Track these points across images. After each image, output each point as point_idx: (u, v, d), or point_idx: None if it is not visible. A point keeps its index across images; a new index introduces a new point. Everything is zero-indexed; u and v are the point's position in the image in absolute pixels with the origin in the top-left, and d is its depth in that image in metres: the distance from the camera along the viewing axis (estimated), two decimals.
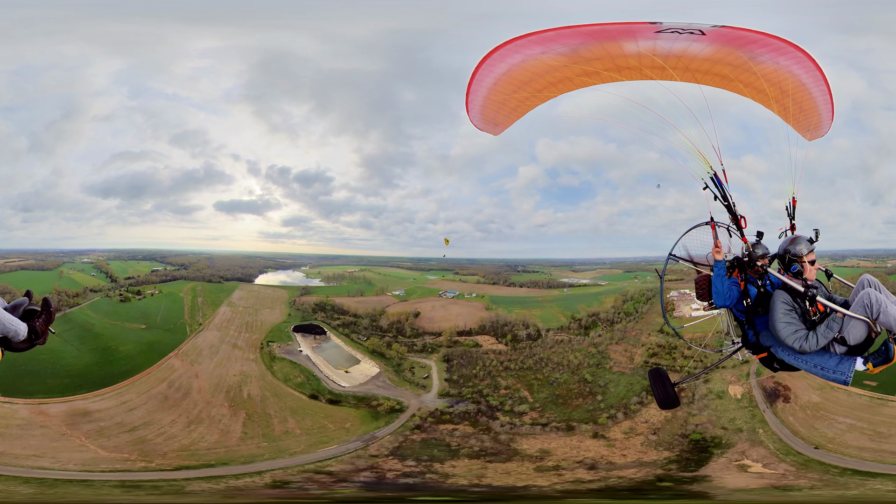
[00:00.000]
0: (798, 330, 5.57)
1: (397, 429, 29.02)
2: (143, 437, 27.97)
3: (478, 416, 29.75)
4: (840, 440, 26.64)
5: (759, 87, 6.43)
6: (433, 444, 27.71)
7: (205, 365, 35.43)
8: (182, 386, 33.13)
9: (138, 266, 46.86)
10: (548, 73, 6.41)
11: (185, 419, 29.92)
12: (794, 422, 28.18)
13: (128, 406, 30.42)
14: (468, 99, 6.69)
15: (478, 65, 6.28)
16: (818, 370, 5.64)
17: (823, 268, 6.22)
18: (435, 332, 38.81)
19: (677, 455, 26.74)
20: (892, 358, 5.40)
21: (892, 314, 5.33)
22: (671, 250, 6.53)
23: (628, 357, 33.67)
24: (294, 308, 43.82)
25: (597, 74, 6.38)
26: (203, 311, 42.91)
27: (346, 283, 48.62)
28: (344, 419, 30.67)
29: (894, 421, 26.71)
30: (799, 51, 6.01)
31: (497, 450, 27.28)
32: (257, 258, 51.52)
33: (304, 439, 28.81)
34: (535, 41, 5.97)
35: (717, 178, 6.29)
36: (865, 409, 27.48)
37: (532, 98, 6.77)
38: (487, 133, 7.34)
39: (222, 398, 32.03)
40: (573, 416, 30.21)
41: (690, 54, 6.20)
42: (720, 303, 6.09)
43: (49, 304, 5.17)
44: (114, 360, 34.98)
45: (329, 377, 34.77)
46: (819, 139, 7.06)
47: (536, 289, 42.05)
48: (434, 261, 49.63)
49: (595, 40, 6.00)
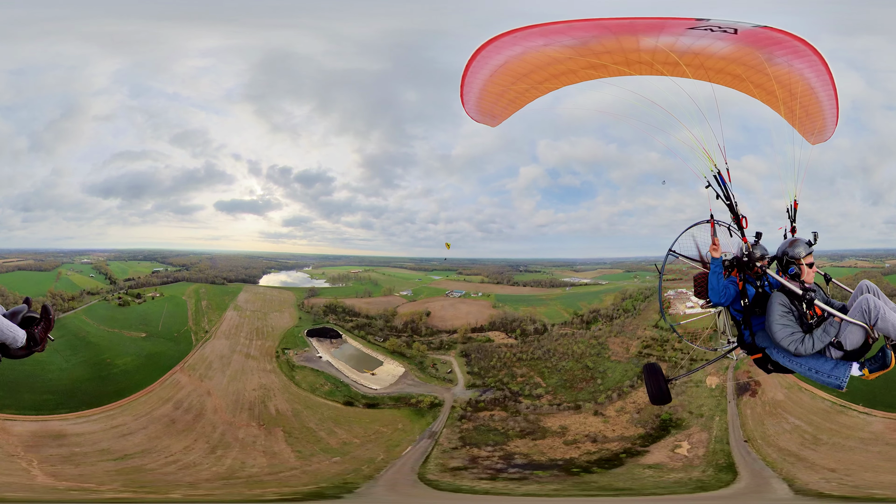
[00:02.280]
0: (794, 332, 5.55)
1: (446, 421, 30.72)
2: (140, 465, 24.59)
3: (505, 401, 32.98)
4: (773, 439, 27.30)
5: (770, 89, 6.39)
6: (484, 430, 30.07)
7: (217, 380, 32.47)
8: (192, 406, 29.86)
9: (139, 267, 45.79)
10: (550, 65, 6.28)
11: (204, 444, 27.05)
12: (749, 415, 29.68)
13: (120, 431, 26.90)
14: (463, 90, 6.57)
15: (473, 55, 6.14)
16: (813, 374, 5.62)
17: (822, 271, 6.18)
18: (449, 329, 41.56)
19: (646, 432, 30.52)
20: (890, 364, 5.36)
21: (891, 320, 5.30)
22: (671, 246, 6.61)
23: (625, 348, 38.40)
24: (303, 311, 43.81)
25: (604, 68, 6.23)
26: (208, 315, 41.11)
27: (352, 283, 49.89)
28: (392, 420, 30.67)
29: (843, 430, 26.59)
30: (815, 55, 6.02)
31: (532, 428, 30.36)
32: (259, 258, 51.65)
33: (373, 447, 28.08)
34: (537, 32, 5.83)
35: (721, 177, 6.25)
36: (821, 414, 27.80)
37: (532, 90, 6.64)
38: (484, 124, 7.18)
39: (246, 417, 29.56)
40: (579, 398, 34.07)
41: (709, 52, 6.10)
42: (715, 300, 6.12)
43: (48, 312, 5.15)
44: (107, 377, 31.54)
45: (357, 381, 34.74)
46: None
47: (539, 288, 45.08)
48: (436, 261, 51.58)
49: (612, 33, 5.84)
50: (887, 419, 26.54)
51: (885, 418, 26.60)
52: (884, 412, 26.69)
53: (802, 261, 5.78)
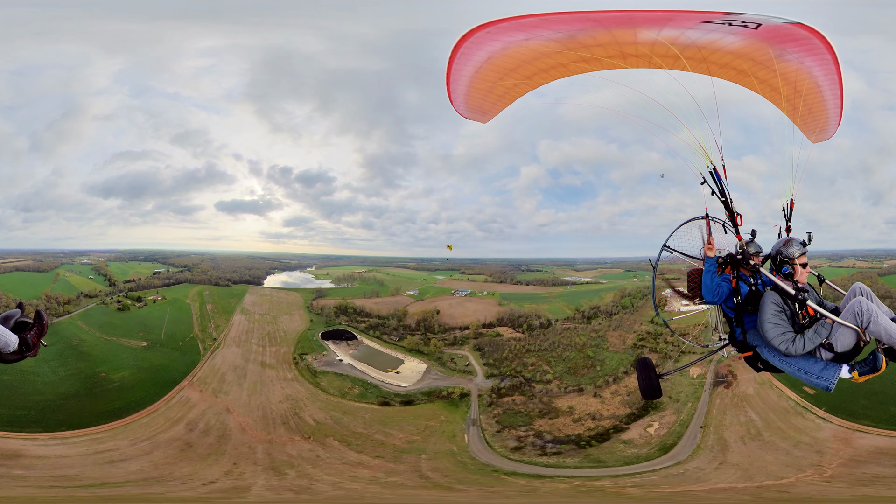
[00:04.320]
0: (786, 332, 5.57)
1: (480, 409, 33.02)
2: (144, 494, 21.33)
3: (521, 387, 36.20)
4: (722, 428, 28.70)
5: (774, 85, 6.30)
6: (512, 413, 32.86)
7: (235, 395, 29.88)
8: (212, 426, 26.88)
9: (139, 267, 44.31)
10: (537, 59, 6.15)
11: (253, 466, 24.31)
12: (717, 404, 31.42)
13: (107, 457, 23.42)
14: (449, 87, 6.49)
15: (452, 52, 6.03)
16: (802, 374, 5.65)
17: (816, 272, 6.20)
18: (461, 326, 43.98)
19: (631, 412, 34.34)
20: (880, 368, 5.39)
21: (882, 324, 5.32)
22: (665, 241, 6.74)
23: (622, 340, 42.69)
24: (313, 313, 43.86)
25: (596, 61, 6.08)
26: (215, 320, 39.59)
27: (357, 284, 50.67)
28: (433, 414, 31.74)
29: (789, 431, 27.35)
30: (830, 53, 5.94)
31: (547, 409, 33.77)
32: (261, 258, 51.36)
33: (436, 440, 28.65)
34: (513, 26, 5.71)
35: (716, 173, 6.25)
36: (779, 413, 28.72)
37: (521, 85, 6.54)
38: (475, 121, 7.08)
39: (284, 432, 27.66)
40: (581, 382, 37.68)
41: (716, 47, 5.95)
42: (708, 299, 6.16)
43: (41, 317, 5.21)
44: (100, 394, 27.97)
45: (385, 381, 35.37)
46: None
47: (542, 286, 47.65)
48: (437, 261, 53.04)
49: (603, 26, 5.69)
50: (840, 427, 27.16)
51: (839, 426, 27.25)
52: (841, 420, 27.32)
53: (796, 260, 5.82)
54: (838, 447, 25.95)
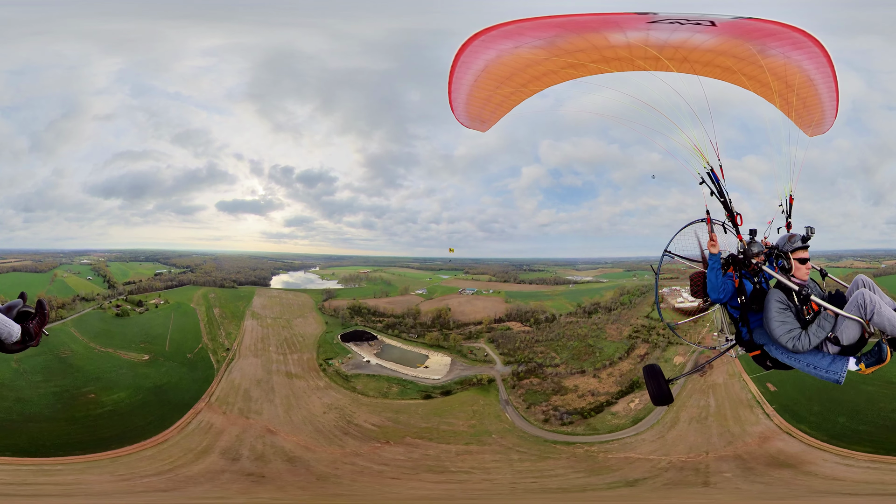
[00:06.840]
0: (792, 329, 5.58)
1: (507, 391, 36.38)
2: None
3: (535, 371, 39.97)
4: (679, 411, 30.82)
5: (764, 81, 6.26)
6: (532, 393, 36.36)
7: (269, 413, 26.71)
8: (262, 451, 23.47)
9: (140, 268, 41.74)
10: (529, 66, 6.26)
11: (370, 478, 22.62)
12: (688, 388, 33.76)
13: (65, 490, 19.20)
14: (451, 97, 6.64)
15: (453, 61, 6.14)
16: (811, 369, 5.68)
17: (818, 267, 6.23)
18: (473, 322, 46.39)
19: (621, 389, 38.93)
20: (885, 359, 5.41)
21: (886, 315, 5.35)
22: (666, 247, 6.71)
23: (619, 332, 47.45)
24: (327, 314, 43.30)
25: (583, 66, 6.16)
26: (225, 327, 36.36)
27: (365, 284, 51.08)
28: (472, 400, 33.87)
29: (729, 422, 28.30)
30: (817, 46, 5.92)
31: (557, 388, 37.74)
32: (263, 259, 50.09)
33: (490, 421, 30.81)
34: (501, 35, 5.79)
35: (714, 174, 6.22)
36: (733, 403, 29.93)
37: (517, 93, 6.65)
38: (475, 130, 7.25)
39: (355, 442, 26.02)
40: (584, 366, 41.84)
41: (691, 45, 5.97)
42: (714, 296, 6.16)
43: (43, 307, 5.18)
44: (83, 420, 23.12)
45: (418, 376, 36.51)
46: (820, 140, 6.90)
47: (545, 285, 50.56)
48: (439, 261, 54.33)
49: (573, 32, 5.76)
50: (776, 426, 27.66)
51: (778, 425, 27.67)
52: (782, 420, 27.70)
53: (792, 255, 5.83)
54: (750, 442, 26.75)
